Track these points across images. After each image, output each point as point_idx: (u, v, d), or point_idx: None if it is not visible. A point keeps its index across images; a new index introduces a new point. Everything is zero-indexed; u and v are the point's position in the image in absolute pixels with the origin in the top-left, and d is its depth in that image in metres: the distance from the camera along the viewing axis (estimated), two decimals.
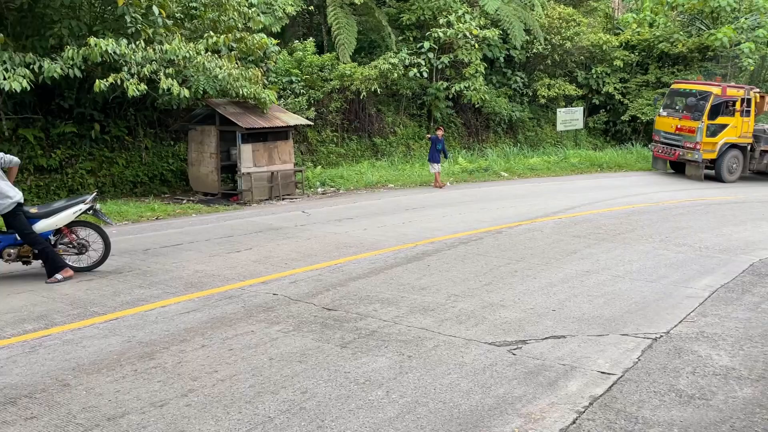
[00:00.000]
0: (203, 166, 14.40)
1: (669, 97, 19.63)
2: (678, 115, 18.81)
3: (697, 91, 18.38)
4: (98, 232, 7.72)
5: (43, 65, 10.98)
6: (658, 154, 19.30)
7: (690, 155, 18.20)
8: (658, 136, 19.33)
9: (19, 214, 7.16)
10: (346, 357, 5.14)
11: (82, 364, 4.90)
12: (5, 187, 7.09)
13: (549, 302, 6.71)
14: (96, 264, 7.67)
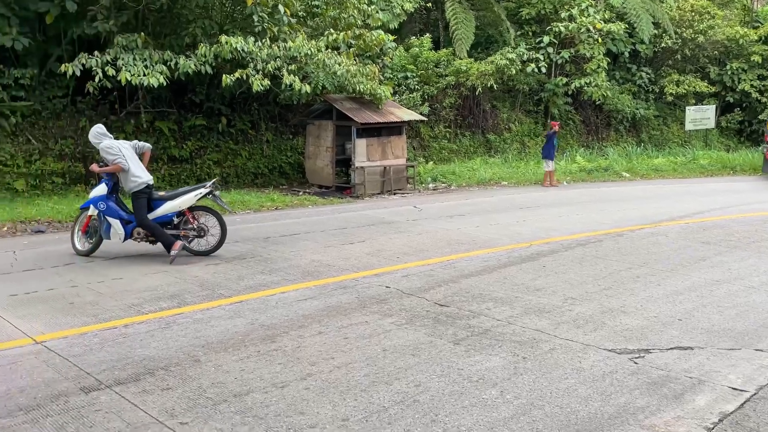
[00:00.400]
0: (319, 160, 14.86)
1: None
2: None
3: None
4: (216, 218, 8.08)
5: (178, 62, 11.78)
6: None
7: None
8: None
9: (141, 197, 7.79)
10: (459, 354, 5.12)
11: (211, 342, 5.22)
12: (137, 170, 7.78)
13: (674, 311, 6.33)
14: (213, 248, 8.05)
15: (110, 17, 12.06)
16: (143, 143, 8.31)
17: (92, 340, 5.25)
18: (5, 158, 12.08)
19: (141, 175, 7.81)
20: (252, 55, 12.11)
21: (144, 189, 7.82)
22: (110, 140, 7.88)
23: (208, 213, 8.17)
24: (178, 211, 7.97)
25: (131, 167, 7.73)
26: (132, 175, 7.73)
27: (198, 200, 8.02)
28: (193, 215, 8.08)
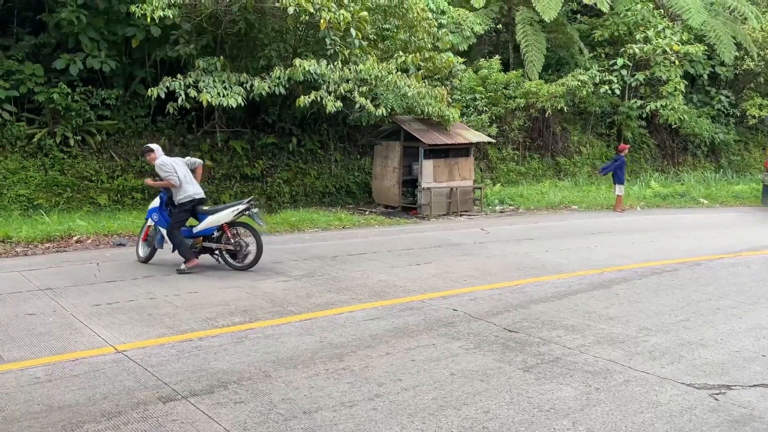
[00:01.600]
0: (386, 180, 14.98)
1: None
2: None
3: None
4: (254, 235, 8.32)
5: (254, 84, 12.20)
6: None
7: None
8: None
9: (184, 210, 8.25)
10: (529, 381, 5.02)
11: (281, 358, 5.32)
12: (186, 185, 8.27)
13: (758, 346, 6.00)
14: (250, 264, 8.29)
15: (191, 41, 12.64)
16: (195, 159, 8.90)
17: (169, 351, 5.44)
18: (90, 174, 12.77)
19: (189, 190, 8.31)
20: (324, 77, 12.40)
21: (189, 202, 8.29)
22: (164, 158, 8.43)
23: (247, 230, 8.41)
24: (218, 226, 8.30)
25: (182, 182, 8.24)
26: (181, 190, 8.27)
27: (235, 216, 8.28)
28: (234, 231, 8.36)
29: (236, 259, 8.37)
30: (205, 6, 11.99)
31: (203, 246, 8.43)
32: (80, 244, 9.98)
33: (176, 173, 8.24)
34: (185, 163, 8.59)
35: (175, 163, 8.37)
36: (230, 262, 8.39)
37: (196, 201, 8.35)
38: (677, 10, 19.17)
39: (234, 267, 8.35)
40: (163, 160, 8.34)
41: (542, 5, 17.73)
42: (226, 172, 14.09)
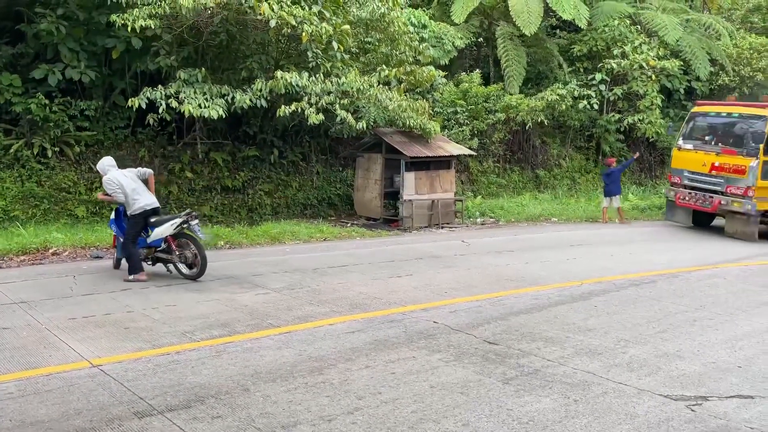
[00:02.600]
0: (368, 192, 14.99)
1: (690, 123, 14.85)
2: (713, 148, 13.92)
3: (745, 114, 13.64)
4: (196, 247, 8.39)
5: (235, 96, 12.16)
6: (683, 203, 14.38)
7: (737, 205, 13.25)
8: (678, 177, 14.63)
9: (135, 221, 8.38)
10: (509, 394, 5.03)
11: (260, 372, 5.28)
12: (135, 196, 8.36)
13: (734, 357, 6.08)
14: (195, 275, 8.37)
15: (172, 53, 12.58)
16: (145, 169, 9.01)
17: (146, 365, 5.37)
18: (68, 185, 12.61)
19: (139, 202, 8.38)
20: (306, 89, 12.40)
21: (140, 214, 8.37)
22: (111, 173, 8.51)
23: (190, 241, 8.47)
24: (164, 238, 8.41)
25: (129, 195, 8.36)
26: (131, 202, 8.37)
27: (175, 229, 8.34)
28: (178, 242, 8.47)
29: (184, 269, 8.49)
30: (187, 17, 11.94)
31: (156, 256, 8.59)
32: (57, 256, 9.84)
33: (122, 188, 8.35)
34: (136, 175, 8.69)
35: (121, 177, 8.46)
36: (181, 272, 8.51)
37: (147, 212, 8.43)
38: (654, 27, 19.52)
39: (185, 276, 8.47)
40: (109, 176, 8.47)
41: (522, 20, 17.94)
42: (207, 184, 13.99)
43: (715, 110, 14.47)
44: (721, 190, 13.57)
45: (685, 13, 21.27)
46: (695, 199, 14.06)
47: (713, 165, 13.74)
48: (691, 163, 14.29)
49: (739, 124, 13.56)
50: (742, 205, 13.15)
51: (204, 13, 11.94)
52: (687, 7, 22.60)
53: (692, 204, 14.17)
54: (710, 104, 15.23)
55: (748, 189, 13.10)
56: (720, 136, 14.01)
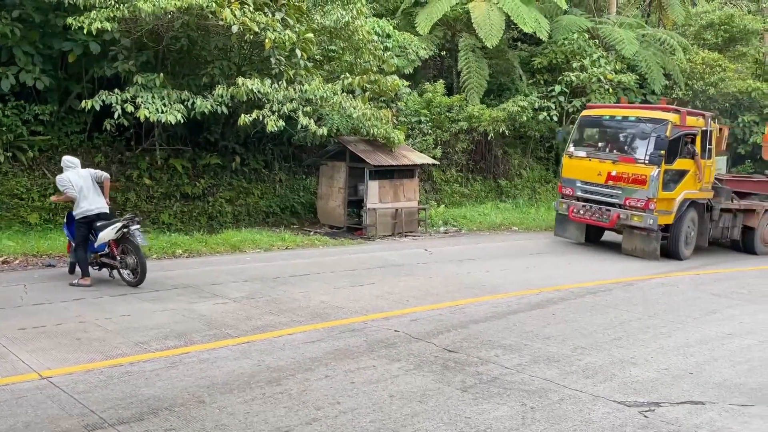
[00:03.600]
0: (331, 200, 14.94)
1: (582, 128, 13.42)
2: (609, 156, 12.54)
3: (644, 118, 12.31)
4: (136, 253, 8.28)
5: (195, 102, 12.00)
6: (577, 217, 12.81)
7: (637, 219, 11.91)
8: (570, 188, 13.11)
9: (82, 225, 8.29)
10: (467, 402, 5.06)
11: (216, 383, 5.19)
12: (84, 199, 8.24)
13: (685, 364, 6.24)
14: (136, 282, 8.26)
15: (130, 57, 12.35)
16: (102, 173, 8.83)
17: (98, 377, 5.23)
18: (21, 191, 12.24)
19: (84, 205, 8.28)
20: (268, 96, 12.31)
21: (85, 218, 8.26)
22: (66, 172, 8.41)
23: (130, 247, 8.36)
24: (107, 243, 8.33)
25: (79, 197, 8.26)
26: (78, 205, 8.28)
27: (116, 234, 8.24)
28: (120, 248, 8.37)
29: (126, 275, 8.39)
30: (146, 21, 11.75)
31: (102, 261, 8.49)
32: (7, 265, 9.53)
33: (72, 188, 8.26)
34: (92, 177, 8.54)
35: (75, 177, 8.34)
36: (123, 278, 8.41)
37: (90, 217, 8.31)
38: (611, 41, 20.01)
39: (127, 283, 8.36)
40: (63, 174, 8.39)
41: (484, 33, 18.19)
42: (166, 191, 13.74)
43: (608, 113, 13.20)
44: (619, 202, 12.21)
45: (642, 28, 21.86)
46: (591, 212, 12.54)
47: (610, 174, 12.31)
48: (584, 172, 12.80)
49: (638, 128, 12.25)
50: (642, 219, 11.82)
51: (164, 18, 11.76)
52: (643, 23, 23.24)
53: (587, 218, 12.66)
54: (602, 107, 14.09)
55: (649, 201, 11.76)
56: (616, 142, 12.74)
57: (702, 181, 12.36)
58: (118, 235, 8.25)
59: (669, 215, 11.99)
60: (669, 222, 12.05)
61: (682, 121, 11.92)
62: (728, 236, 13.46)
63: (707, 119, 12.58)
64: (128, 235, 8.28)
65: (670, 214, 11.98)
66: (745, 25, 23.02)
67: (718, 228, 13.09)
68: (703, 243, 12.87)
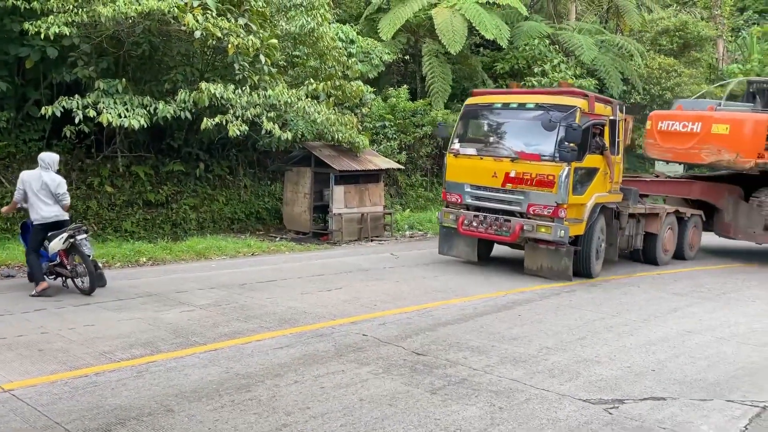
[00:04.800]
0: (297, 206, 14.90)
1: (468, 120, 11.00)
2: (506, 153, 10.20)
3: (547, 105, 10.01)
4: (85, 262, 8.17)
5: (158, 107, 11.84)
6: (469, 230, 10.46)
7: (545, 231, 9.77)
8: (458, 195, 10.71)
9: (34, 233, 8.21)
10: (436, 404, 5.11)
11: (184, 391, 5.13)
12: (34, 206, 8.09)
13: (648, 361, 6.41)
14: (87, 291, 8.14)
15: (90, 63, 12.13)
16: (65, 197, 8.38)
17: (62, 388, 5.12)
18: None
19: (32, 213, 8.14)
20: (231, 101, 12.23)
21: (41, 224, 8.12)
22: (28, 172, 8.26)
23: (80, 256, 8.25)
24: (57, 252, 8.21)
25: (30, 203, 8.12)
26: (32, 210, 8.14)
27: (64, 243, 8.10)
28: (70, 257, 8.25)
29: (79, 284, 8.27)
30: (106, 26, 11.56)
31: (56, 271, 8.36)
32: None
33: (22, 191, 8.10)
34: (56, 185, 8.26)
35: (34, 179, 8.13)
36: (77, 287, 8.28)
37: (49, 224, 8.15)
38: (571, 47, 20.46)
39: (80, 291, 8.23)
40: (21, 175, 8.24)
41: (447, 39, 18.41)
42: (128, 199, 13.51)
43: (500, 100, 10.72)
44: (520, 210, 10.00)
45: (600, 34, 22.41)
46: (486, 224, 10.21)
47: (508, 176, 10.00)
48: (475, 174, 10.43)
49: (540, 117, 9.82)
50: (551, 230, 9.67)
51: (125, 23, 11.60)
52: (602, 29, 23.81)
53: (482, 232, 10.33)
54: (492, 93, 11.79)
55: (558, 207, 9.63)
56: (512, 135, 10.39)
57: (612, 182, 10.61)
58: (66, 245, 8.10)
59: (580, 224, 9.93)
60: (580, 233, 10.00)
61: (591, 107, 9.93)
62: (632, 245, 11.81)
63: (615, 107, 10.81)
64: (76, 244, 8.14)
65: (581, 222, 9.93)
66: (699, 31, 23.80)
67: (625, 236, 11.45)
68: (612, 256, 11.13)
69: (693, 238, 13.17)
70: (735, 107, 13.50)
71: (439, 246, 11.44)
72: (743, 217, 13.03)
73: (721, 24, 26.10)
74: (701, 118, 12.77)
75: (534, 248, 10.27)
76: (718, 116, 12.64)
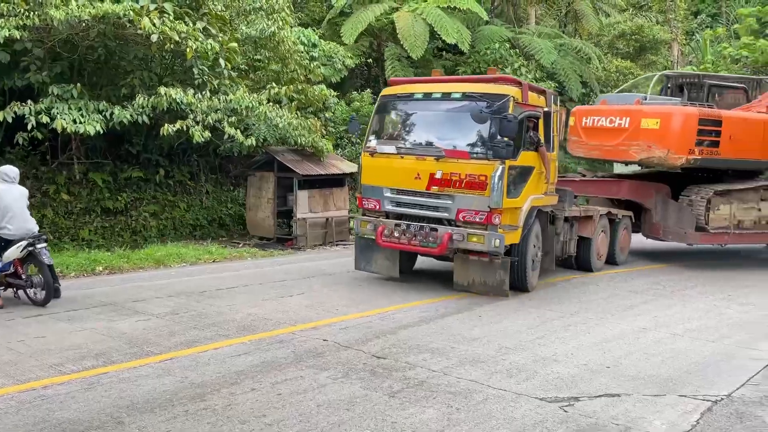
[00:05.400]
0: (260, 211, 14.77)
1: (384, 113, 9.73)
2: (429, 151, 8.93)
3: (475, 95, 8.76)
4: (42, 272, 7.99)
5: (114, 112, 11.62)
6: (390, 242, 9.18)
7: (477, 240, 8.56)
8: (375, 200, 9.39)
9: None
10: (394, 407, 5.10)
11: (137, 402, 5.02)
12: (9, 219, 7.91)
13: (603, 359, 6.51)
14: (42, 302, 7.93)
15: (44, 68, 11.85)
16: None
17: (8, 403, 4.97)
18: None
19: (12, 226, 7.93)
20: (191, 106, 12.07)
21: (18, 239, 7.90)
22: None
23: (37, 266, 8.08)
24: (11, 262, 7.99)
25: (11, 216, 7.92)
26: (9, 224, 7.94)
27: (21, 252, 7.91)
28: (26, 267, 8.07)
29: (33, 294, 8.04)
30: (59, 30, 11.31)
31: (7, 281, 8.09)
32: None
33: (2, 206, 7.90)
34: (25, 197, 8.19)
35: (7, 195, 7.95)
36: (29, 298, 8.05)
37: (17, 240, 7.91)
38: (531, 50, 20.76)
39: (33, 303, 8.00)
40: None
41: (410, 43, 18.50)
42: (86, 206, 13.22)
43: (422, 90, 9.39)
44: (449, 217, 8.82)
45: (559, 37, 22.77)
46: (410, 234, 8.97)
47: (433, 177, 8.74)
48: (395, 175, 9.16)
49: (468, 108, 8.68)
50: (485, 239, 8.48)
51: (78, 27, 11.36)
52: (561, 32, 24.19)
53: (405, 243, 9.05)
54: (411, 81, 10.32)
55: (492, 213, 8.47)
56: (437, 129, 9.13)
57: (549, 182, 9.61)
58: (24, 253, 7.89)
59: (516, 231, 8.83)
60: (515, 241, 8.90)
61: (524, 97, 8.78)
62: (566, 251, 10.78)
63: (549, 97, 9.68)
64: (34, 254, 7.92)
65: (516, 229, 8.82)
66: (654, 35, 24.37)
67: (560, 243, 10.43)
68: (549, 265, 10.18)
69: (624, 240, 12.35)
70: (662, 101, 12.60)
71: (356, 261, 10.00)
72: (673, 217, 12.13)
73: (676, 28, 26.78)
74: (629, 113, 11.86)
75: (465, 260, 9.08)
76: (648, 110, 11.74)
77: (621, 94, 14.40)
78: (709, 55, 23.76)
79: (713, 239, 12.15)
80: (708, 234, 11.85)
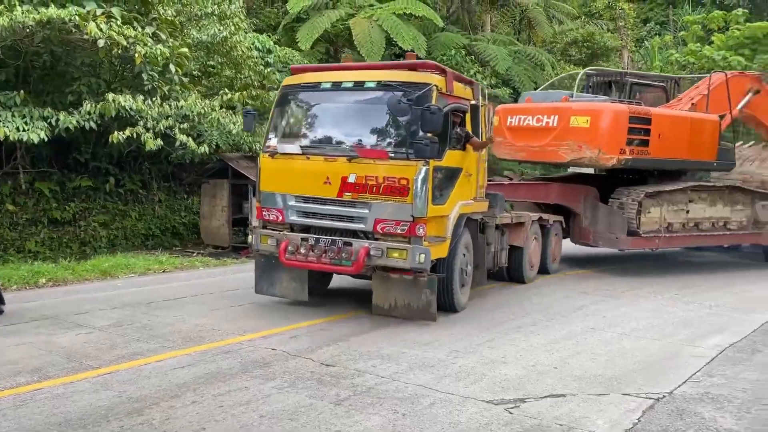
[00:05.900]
0: (215, 219, 14.53)
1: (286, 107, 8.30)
2: (340, 150, 7.71)
3: (394, 83, 7.56)
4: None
5: (59, 118, 11.30)
6: (295, 260, 7.78)
7: (398, 256, 7.32)
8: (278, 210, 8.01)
9: None
10: (339, 415, 5.03)
11: (70, 419, 4.83)
12: None
13: (551, 359, 6.56)
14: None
15: None
16: None
17: None
18: None
19: None
20: (141, 113, 11.82)
21: None
22: None
23: None
24: None
25: None
26: None
27: None
28: None
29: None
30: (3, 37, 10.95)
31: None
32: None
33: None
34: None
35: None
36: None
37: None
38: (486, 57, 21.02)
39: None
40: None
41: (366, 49, 18.52)
42: (32, 217, 12.80)
43: (329, 79, 8.03)
44: (365, 228, 7.55)
45: (514, 44, 23.10)
46: (319, 250, 7.63)
47: (345, 181, 7.50)
48: (300, 180, 7.83)
49: (384, 100, 7.35)
50: (408, 254, 7.25)
51: (22, 32, 11.03)
52: (515, 40, 24.56)
53: (313, 261, 7.69)
54: (316, 69, 8.82)
55: (415, 223, 7.28)
56: (348, 125, 7.89)
57: (478, 186, 8.65)
58: None
59: (443, 243, 7.69)
60: (443, 255, 7.75)
61: (449, 87, 7.75)
62: (498, 263, 9.80)
63: (476, 89, 8.69)
64: None
65: (443, 241, 7.69)
66: (605, 42, 24.91)
67: (491, 254, 9.41)
68: (482, 280, 9.13)
69: (555, 247, 11.58)
70: (590, 98, 12.05)
71: (256, 283, 8.53)
72: (603, 222, 11.42)
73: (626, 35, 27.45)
74: (558, 111, 11.16)
75: (385, 279, 7.78)
76: (577, 107, 11.09)
77: (546, 91, 13.65)
78: (657, 62, 24.40)
79: (645, 244, 11.59)
80: (640, 238, 11.30)
